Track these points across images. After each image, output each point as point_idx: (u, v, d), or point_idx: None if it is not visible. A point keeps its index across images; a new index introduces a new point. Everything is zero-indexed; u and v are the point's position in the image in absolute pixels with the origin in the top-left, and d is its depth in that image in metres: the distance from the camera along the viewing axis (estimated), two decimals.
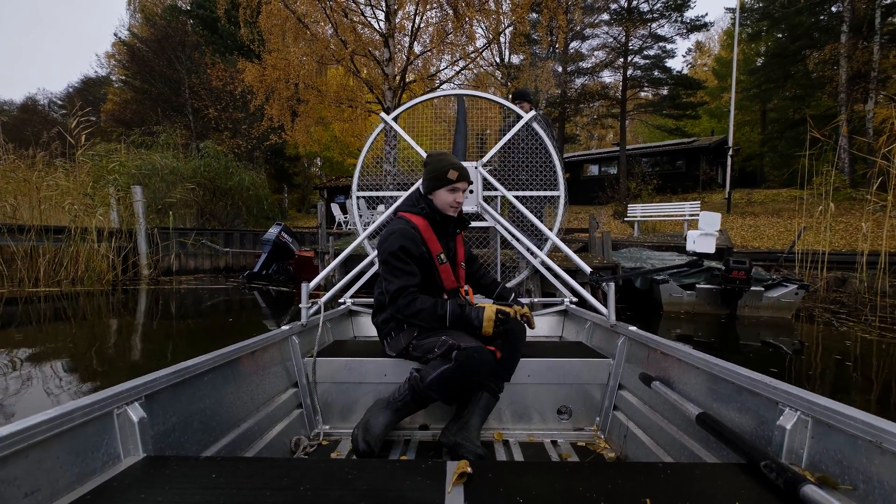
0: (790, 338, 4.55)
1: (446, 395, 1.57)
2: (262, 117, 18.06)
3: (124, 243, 7.25)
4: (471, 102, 3.21)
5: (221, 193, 9.48)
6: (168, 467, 0.95)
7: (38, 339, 4.22)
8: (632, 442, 1.60)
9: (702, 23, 20.28)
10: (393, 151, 2.78)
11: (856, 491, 0.84)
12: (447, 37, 9.87)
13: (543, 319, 2.73)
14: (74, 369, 3.40)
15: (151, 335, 4.60)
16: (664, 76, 20.61)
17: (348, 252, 2.46)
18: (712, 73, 29.60)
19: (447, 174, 1.70)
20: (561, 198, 3.00)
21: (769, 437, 1.04)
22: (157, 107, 19.34)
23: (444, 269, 1.74)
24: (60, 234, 6.73)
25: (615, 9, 20.72)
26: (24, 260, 6.38)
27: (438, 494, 0.87)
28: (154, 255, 7.57)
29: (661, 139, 25.72)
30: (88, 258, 6.77)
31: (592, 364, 1.84)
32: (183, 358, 1.23)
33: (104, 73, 36.86)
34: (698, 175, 19.76)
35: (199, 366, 1.23)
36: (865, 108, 16.30)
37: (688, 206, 11.33)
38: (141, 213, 7.22)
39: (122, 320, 5.22)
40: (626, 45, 20.22)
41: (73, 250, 6.71)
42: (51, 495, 0.82)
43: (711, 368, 1.27)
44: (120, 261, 7.12)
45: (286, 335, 1.80)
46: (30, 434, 0.79)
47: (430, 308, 1.59)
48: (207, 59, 19.43)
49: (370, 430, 1.55)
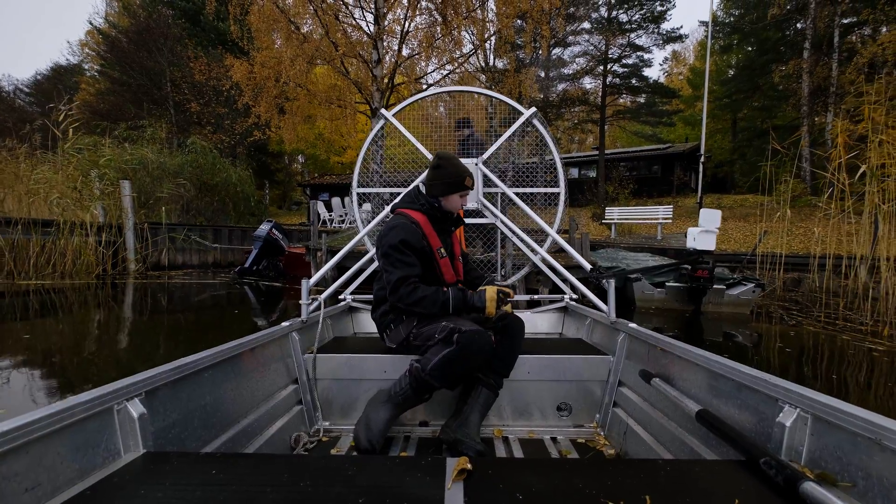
0: (748, 331, 5.03)
1: (449, 380, 1.58)
2: (245, 113, 18.04)
3: (114, 237, 7.27)
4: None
5: (207, 189, 9.51)
6: (168, 463, 0.95)
7: (31, 331, 4.32)
8: (632, 439, 1.60)
9: (677, 34, 21.19)
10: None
11: (855, 488, 0.84)
12: (435, 41, 10.17)
13: (543, 316, 2.73)
14: (66, 363, 3.55)
15: (144, 330, 4.74)
16: (641, 84, 21.42)
17: (349, 248, 2.45)
18: (687, 82, 30.84)
19: (464, 181, 1.77)
20: (561, 195, 2.99)
21: (769, 434, 1.05)
22: (138, 99, 18.92)
23: (444, 263, 1.77)
24: (49, 227, 6.72)
25: (596, 17, 21.46)
26: (11, 253, 6.37)
27: (438, 491, 0.87)
28: (143, 250, 7.62)
29: (638, 144, 26.66)
30: (77, 252, 6.78)
31: (592, 361, 1.84)
32: (178, 353, 1.28)
33: (76, 62, 35.58)
34: (672, 180, 20.66)
35: (199, 362, 1.23)
36: (826, 120, 17.39)
37: (661, 210, 11.97)
38: (129, 207, 7.25)
39: (113, 314, 5.31)
40: (605, 54, 20.95)
41: (61, 244, 6.73)
42: (52, 491, 0.82)
43: (711, 365, 1.27)
44: (110, 255, 7.16)
45: (286, 331, 1.79)
46: (30, 430, 0.79)
47: (432, 295, 1.61)
48: (190, 53, 19.16)
49: (371, 426, 1.56)
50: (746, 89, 22.42)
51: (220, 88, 18.98)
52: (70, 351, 3.77)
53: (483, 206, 2.76)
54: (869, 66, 14.12)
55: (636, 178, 20.64)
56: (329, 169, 24.31)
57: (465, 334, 1.50)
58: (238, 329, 4.32)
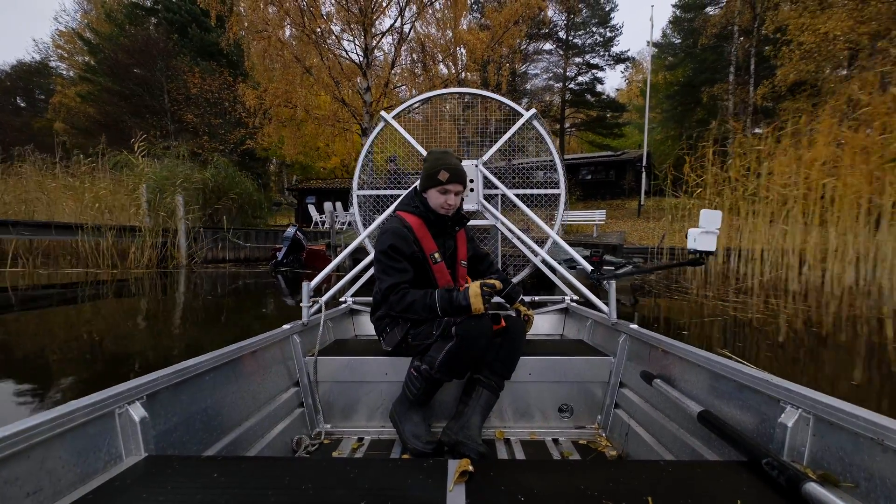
0: (622, 300, 7.59)
1: (458, 373, 1.59)
2: (238, 123, 19.71)
3: (170, 238, 9.42)
4: None
5: (227, 198, 11.61)
6: (170, 467, 0.95)
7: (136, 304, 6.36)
8: (633, 440, 1.59)
9: (625, 56, 24.31)
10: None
11: (858, 488, 0.84)
12: (417, 78, 12.52)
13: (545, 318, 2.74)
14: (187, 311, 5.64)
15: (226, 297, 6.83)
16: (594, 100, 24.43)
17: (349, 251, 2.47)
18: (640, 92, 34.28)
19: (438, 175, 1.68)
20: (562, 196, 2.99)
21: (771, 435, 1.04)
22: (137, 110, 20.36)
23: (438, 268, 1.74)
24: (124, 231, 8.87)
25: (558, 37, 24.32)
26: (91, 251, 8.47)
27: (440, 493, 0.87)
28: (194, 248, 9.77)
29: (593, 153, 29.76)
30: (140, 249, 8.88)
31: (594, 362, 1.84)
32: (251, 308, 2.13)
33: (40, 58, 35.41)
34: (624, 184, 23.56)
35: (200, 365, 1.24)
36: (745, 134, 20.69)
37: (597, 214, 14.86)
38: (182, 215, 9.34)
39: (197, 290, 7.36)
40: (564, 71, 23.82)
41: (128, 242, 8.85)
42: (53, 495, 0.82)
43: (713, 366, 1.27)
44: (168, 250, 9.37)
45: (287, 334, 1.80)
46: (32, 434, 0.80)
47: (420, 299, 1.59)
48: (185, 66, 20.70)
49: (418, 433, 1.58)
50: (688, 103, 25.64)
51: (214, 100, 20.71)
52: (181, 306, 5.80)
53: (483, 207, 2.77)
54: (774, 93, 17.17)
55: (592, 182, 23.40)
56: (316, 174, 26.08)
57: (462, 324, 1.52)
58: (278, 307, 6.39)
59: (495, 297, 1.74)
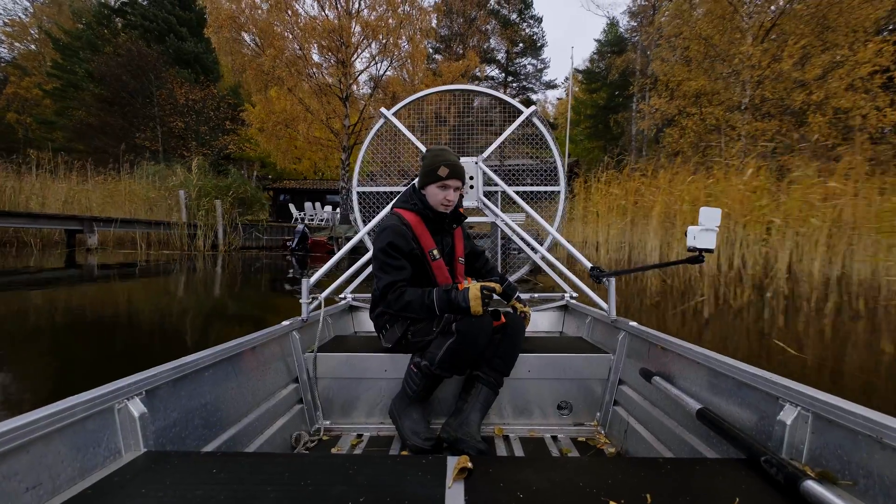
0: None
1: (458, 369, 1.61)
2: (223, 130, 22.46)
3: (209, 231, 13.05)
4: None
5: (240, 201, 15.16)
6: (169, 462, 0.96)
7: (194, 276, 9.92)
8: (632, 437, 1.60)
9: (554, 84, 30.00)
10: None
11: (856, 486, 0.84)
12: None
13: (544, 315, 2.74)
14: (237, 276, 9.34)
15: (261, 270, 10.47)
16: None
17: (349, 247, 2.45)
18: (572, 108, 39.96)
19: (437, 171, 1.68)
20: (562, 193, 3.01)
21: (769, 433, 1.04)
22: (127, 115, 22.54)
23: (437, 265, 1.73)
24: (169, 226, 12.42)
25: (499, 61, 29.30)
26: (142, 239, 11.99)
27: (439, 489, 0.87)
28: (227, 238, 13.40)
29: None
30: (203, 238, 12.60)
31: (593, 359, 1.83)
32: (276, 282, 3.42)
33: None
34: None
35: (199, 361, 1.24)
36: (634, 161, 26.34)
37: (517, 217, 19.69)
38: (220, 214, 12.94)
39: (238, 267, 10.92)
40: (504, 91, 28.80)
41: (176, 233, 12.43)
42: (52, 490, 0.83)
43: (712, 364, 1.27)
44: (209, 240, 13.05)
45: (287, 330, 1.79)
46: (31, 429, 0.80)
47: (418, 298, 1.58)
48: (172, 77, 23.00)
49: (417, 429, 1.58)
50: (606, 122, 31.06)
51: (199, 108, 23.20)
52: (244, 266, 9.37)
53: (483, 204, 2.77)
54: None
55: None
56: (290, 175, 28.94)
57: (462, 320, 1.52)
58: (292, 278, 10.20)
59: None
